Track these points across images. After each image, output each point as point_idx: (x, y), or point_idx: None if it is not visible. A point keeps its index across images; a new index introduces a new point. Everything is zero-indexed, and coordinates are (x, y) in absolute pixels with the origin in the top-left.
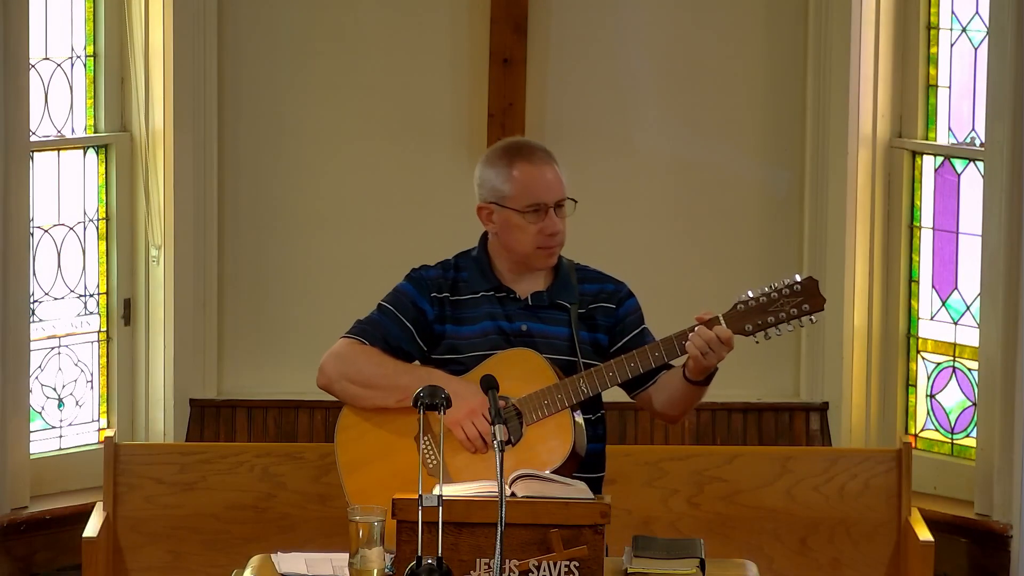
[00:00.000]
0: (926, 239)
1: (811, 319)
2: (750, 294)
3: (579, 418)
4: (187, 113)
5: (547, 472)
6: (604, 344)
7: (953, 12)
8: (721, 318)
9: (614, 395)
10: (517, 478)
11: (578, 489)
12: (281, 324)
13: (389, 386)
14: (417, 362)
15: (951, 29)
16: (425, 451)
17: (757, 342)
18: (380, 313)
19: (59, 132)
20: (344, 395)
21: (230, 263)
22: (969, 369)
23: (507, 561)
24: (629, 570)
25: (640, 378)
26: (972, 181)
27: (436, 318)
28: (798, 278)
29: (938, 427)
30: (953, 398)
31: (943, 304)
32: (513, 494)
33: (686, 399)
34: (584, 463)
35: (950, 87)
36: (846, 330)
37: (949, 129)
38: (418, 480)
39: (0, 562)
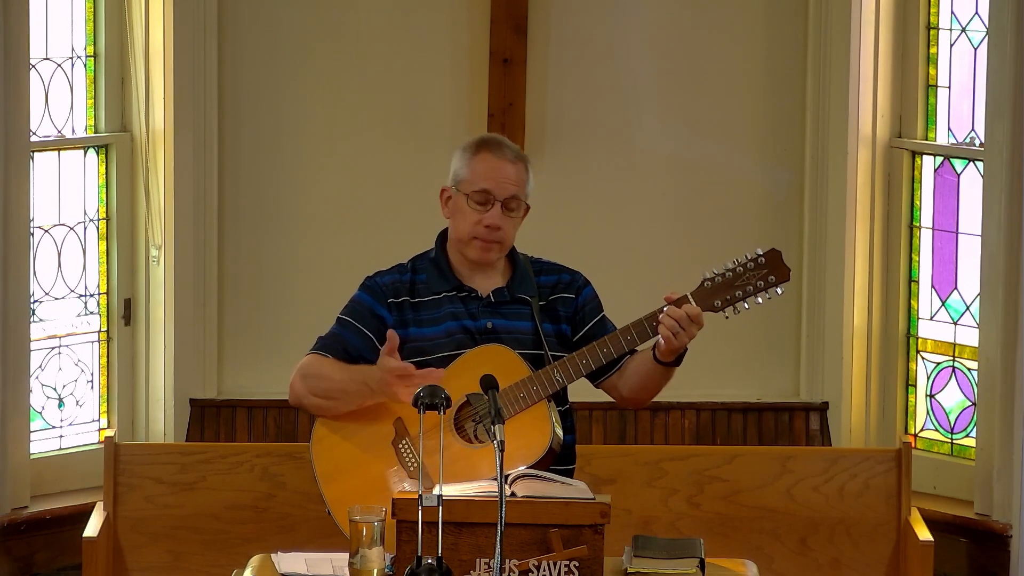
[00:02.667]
0: (926, 239)
1: (777, 291)
2: (715, 271)
3: (554, 413)
4: (187, 113)
5: (525, 468)
6: (568, 334)
7: (953, 12)
8: (690, 296)
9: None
10: (518, 478)
11: (579, 489)
12: (281, 324)
13: (347, 390)
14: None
15: (951, 29)
16: (405, 454)
17: (727, 317)
18: (340, 326)
19: (59, 132)
20: (314, 410)
21: (230, 263)
22: (969, 369)
23: (507, 561)
24: (629, 570)
25: (605, 365)
26: (972, 181)
27: (396, 323)
28: (760, 251)
29: (938, 427)
30: (953, 398)
31: (943, 304)
32: (513, 494)
33: (656, 382)
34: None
35: (950, 87)
36: (846, 330)
37: (949, 129)
38: (395, 486)
39: (0, 562)
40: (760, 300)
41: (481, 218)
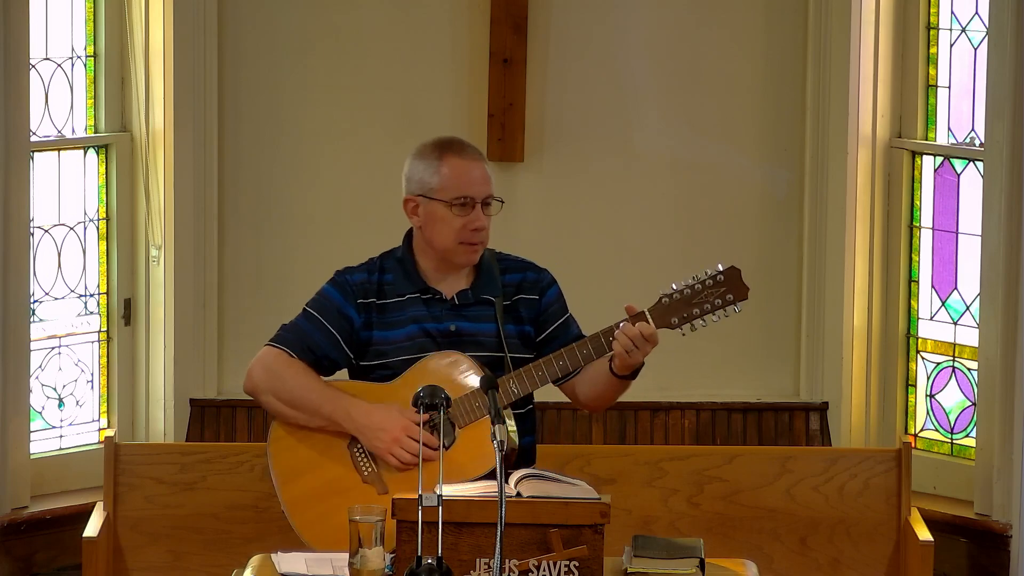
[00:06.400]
0: (926, 239)
1: (735, 309)
2: (674, 287)
3: (510, 418)
4: (187, 113)
5: (528, 468)
6: (531, 335)
7: (953, 12)
8: (647, 313)
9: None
10: (522, 478)
11: (583, 489)
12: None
13: (312, 411)
14: (345, 372)
15: (951, 29)
16: (359, 458)
17: (684, 334)
18: (306, 320)
19: (59, 132)
20: (269, 408)
21: (230, 263)
22: (969, 369)
23: (507, 561)
24: (629, 570)
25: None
26: (972, 181)
27: (363, 325)
28: (720, 267)
29: (938, 427)
30: (953, 398)
31: (943, 304)
32: (519, 494)
33: (611, 393)
34: (516, 458)
35: (950, 87)
36: (846, 330)
37: (949, 129)
38: (348, 490)
39: (0, 562)
40: (717, 318)
41: (466, 222)
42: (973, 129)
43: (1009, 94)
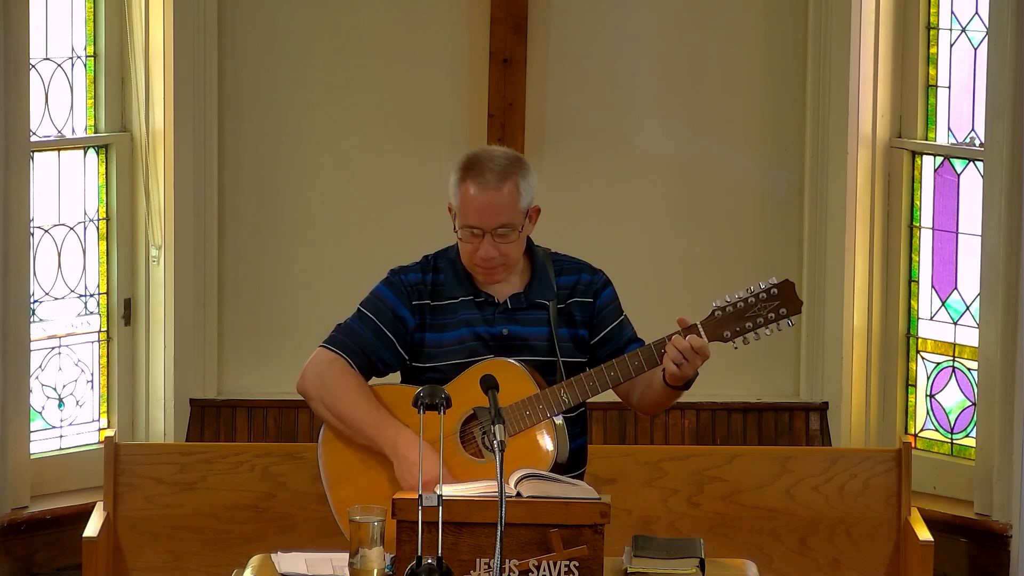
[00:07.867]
0: (926, 239)
1: (789, 323)
2: (727, 299)
3: (559, 420)
4: (187, 113)
5: (527, 468)
6: (585, 338)
7: (953, 12)
8: (699, 326)
9: (609, 394)
10: (522, 478)
11: (583, 489)
12: (281, 324)
13: (357, 431)
14: (400, 381)
15: (951, 29)
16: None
17: (736, 348)
18: (360, 321)
19: (59, 132)
20: (317, 413)
21: (230, 263)
22: (969, 369)
23: (507, 561)
24: (629, 570)
25: None
26: (972, 181)
27: (417, 326)
28: (774, 281)
29: (937, 427)
30: (952, 398)
31: (943, 304)
32: (519, 494)
33: (663, 400)
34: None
35: (950, 87)
36: (846, 330)
37: (949, 129)
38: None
39: (0, 562)
40: (770, 332)
41: (473, 249)
42: (973, 129)
43: (1009, 94)
